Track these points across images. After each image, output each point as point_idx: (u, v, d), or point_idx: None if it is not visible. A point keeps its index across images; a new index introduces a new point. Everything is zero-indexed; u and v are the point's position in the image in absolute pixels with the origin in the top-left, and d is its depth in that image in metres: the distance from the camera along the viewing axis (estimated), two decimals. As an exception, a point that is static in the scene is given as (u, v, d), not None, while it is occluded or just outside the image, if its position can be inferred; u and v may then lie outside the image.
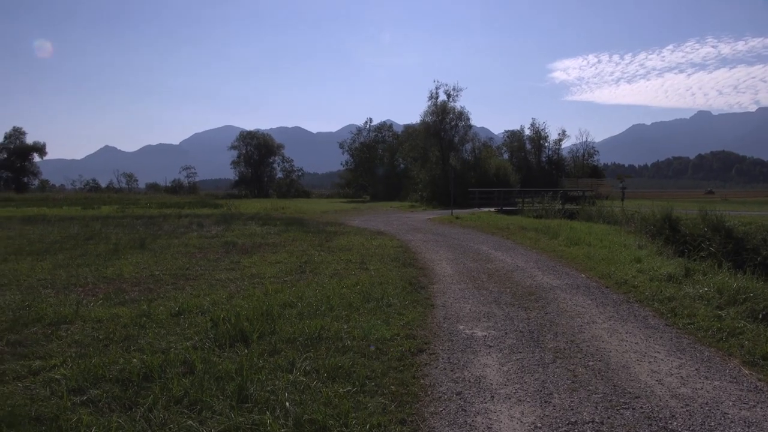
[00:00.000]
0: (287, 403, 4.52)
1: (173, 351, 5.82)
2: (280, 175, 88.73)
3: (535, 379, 5.32)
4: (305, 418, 4.33)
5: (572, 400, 4.84)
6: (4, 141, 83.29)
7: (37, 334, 6.58)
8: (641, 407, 4.71)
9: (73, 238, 17.07)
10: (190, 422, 4.26)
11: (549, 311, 8.00)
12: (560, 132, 72.60)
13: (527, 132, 69.28)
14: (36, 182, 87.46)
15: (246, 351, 5.80)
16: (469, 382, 5.26)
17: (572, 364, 5.70)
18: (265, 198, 70.97)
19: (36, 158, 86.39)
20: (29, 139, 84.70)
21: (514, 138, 70.38)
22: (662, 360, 5.88)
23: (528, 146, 69.34)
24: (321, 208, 40.47)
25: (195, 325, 6.87)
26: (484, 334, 6.86)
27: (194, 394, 4.71)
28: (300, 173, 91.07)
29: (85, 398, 4.70)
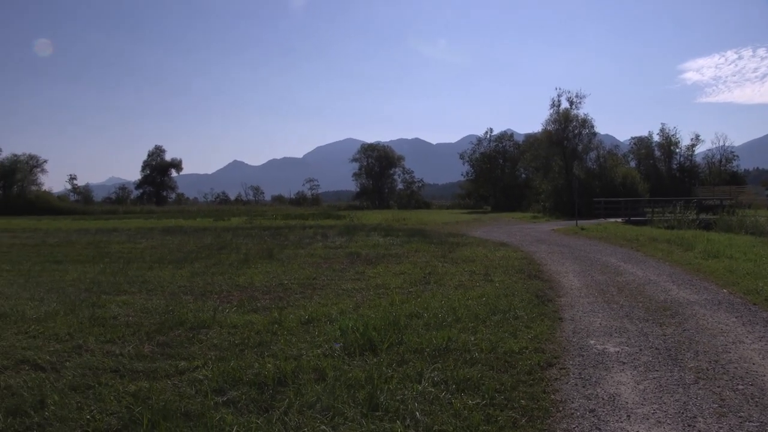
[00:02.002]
0: (417, 413, 4.55)
1: (305, 358, 6.02)
2: (400, 186, 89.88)
3: (675, 400, 4.99)
4: (435, 429, 4.33)
5: (721, 426, 4.46)
6: (148, 158, 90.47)
7: (181, 337, 7.04)
8: (808, 441, 4.27)
9: (207, 248, 18.20)
10: (323, 427, 4.37)
11: (687, 328, 7.51)
12: (693, 137, 68.38)
13: (656, 138, 65.92)
14: (173, 196, 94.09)
15: (375, 360, 5.90)
16: (603, 399, 5.03)
17: (718, 387, 5.29)
18: (386, 209, 72.04)
19: (173, 173, 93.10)
20: (168, 156, 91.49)
21: (641, 145, 67.19)
22: (832, 389, 5.26)
23: (657, 153, 65.96)
24: (442, 219, 40.51)
25: (324, 333, 7.06)
26: (617, 349, 6.56)
27: (326, 400, 4.83)
28: (420, 184, 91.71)
29: (225, 399, 4.95)
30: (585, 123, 49.28)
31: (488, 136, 75.90)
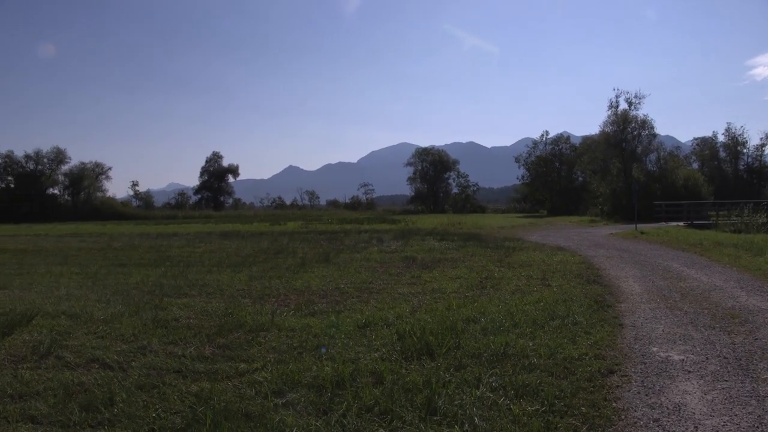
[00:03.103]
0: (476, 419, 4.51)
1: (362, 361, 6.06)
2: (455, 190, 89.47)
3: (748, 412, 4.74)
4: (494, 434, 4.30)
5: (803, 441, 4.25)
6: (206, 164, 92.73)
7: (240, 340, 7.18)
8: None
9: (264, 252, 18.51)
10: (381, 430, 4.40)
11: (759, 337, 7.19)
12: (763, 136, 65.51)
13: (721, 138, 63.73)
14: (230, 201, 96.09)
15: (432, 364, 5.88)
16: (667, 409, 4.87)
17: (796, 401, 5.01)
18: (441, 213, 71.79)
19: (230, 179, 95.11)
20: (225, 162, 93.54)
21: (704, 146, 65.08)
22: None
23: (722, 154, 63.75)
24: (497, 223, 40.11)
25: (381, 337, 7.09)
26: (681, 357, 6.34)
27: (384, 403, 4.84)
28: (475, 188, 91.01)
29: (284, 400, 5.02)
30: (644, 124, 48.04)
31: (544, 138, 74.91)
